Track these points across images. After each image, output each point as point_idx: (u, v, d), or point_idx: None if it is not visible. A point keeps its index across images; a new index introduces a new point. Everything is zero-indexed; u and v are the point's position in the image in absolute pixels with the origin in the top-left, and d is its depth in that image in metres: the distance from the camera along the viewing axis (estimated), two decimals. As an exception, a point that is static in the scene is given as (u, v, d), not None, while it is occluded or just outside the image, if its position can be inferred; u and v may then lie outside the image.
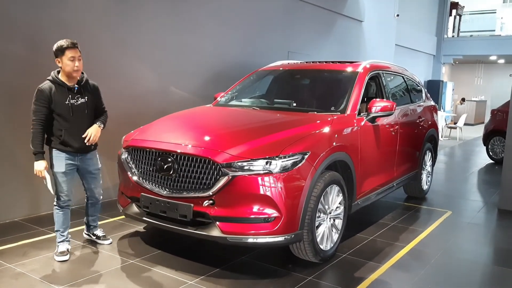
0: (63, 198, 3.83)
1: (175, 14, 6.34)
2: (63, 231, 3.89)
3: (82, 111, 3.80)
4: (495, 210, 5.93)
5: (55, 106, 3.69)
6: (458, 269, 4.01)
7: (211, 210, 3.41)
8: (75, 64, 3.67)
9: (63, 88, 3.72)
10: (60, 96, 3.69)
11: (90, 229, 4.25)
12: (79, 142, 3.80)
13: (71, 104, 3.73)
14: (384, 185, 4.95)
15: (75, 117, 3.76)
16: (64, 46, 3.64)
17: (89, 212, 4.19)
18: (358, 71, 4.77)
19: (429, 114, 6.39)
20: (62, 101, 3.70)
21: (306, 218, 3.52)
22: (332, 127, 3.97)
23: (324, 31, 10.19)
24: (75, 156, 3.84)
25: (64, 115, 3.72)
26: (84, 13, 5.20)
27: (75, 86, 3.77)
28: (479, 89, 23.25)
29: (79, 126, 3.80)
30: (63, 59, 3.65)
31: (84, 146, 3.84)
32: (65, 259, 3.79)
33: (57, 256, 3.80)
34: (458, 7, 20.81)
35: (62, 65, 3.68)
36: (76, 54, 3.67)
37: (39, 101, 3.66)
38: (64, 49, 3.63)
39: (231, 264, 3.79)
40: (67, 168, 3.81)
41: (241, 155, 3.39)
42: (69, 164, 3.82)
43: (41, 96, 3.65)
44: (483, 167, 9.58)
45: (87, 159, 3.93)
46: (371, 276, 3.64)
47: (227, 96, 5.21)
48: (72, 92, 3.76)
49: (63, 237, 3.90)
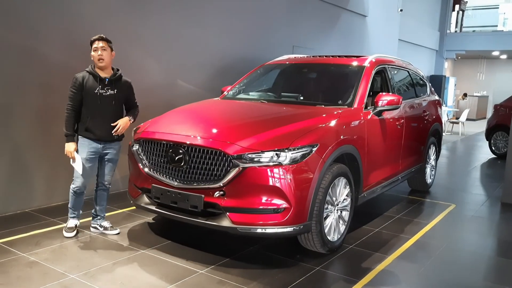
0: (78, 183, 4.05)
1: (182, 9, 6.38)
2: (74, 209, 4.18)
3: (109, 101, 4.05)
4: (498, 203, 5.99)
5: (85, 93, 3.98)
6: (463, 260, 4.08)
7: (221, 200, 3.48)
8: (98, 53, 3.97)
9: (95, 78, 4.01)
10: (91, 85, 3.99)
11: (98, 220, 4.32)
12: (102, 130, 4.04)
13: (99, 94, 4.00)
14: (389, 178, 5.01)
15: (101, 106, 4.01)
16: (92, 39, 4.02)
17: (97, 201, 4.30)
18: (364, 65, 4.82)
19: (434, 108, 6.44)
20: (92, 89, 3.99)
21: (315, 209, 3.58)
22: (339, 120, 4.03)
23: (328, 26, 10.22)
24: (99, 143, 4.07)
25: (92, 103, 3.99)
26: (93, 7, 5.24)
27: (106, 78, 4.05)
28: (481, 84, 23.25)
29: (105, 116, 4.05)
30: (91, 52, 4.01)
31: (107, 135, 4.06)
32: (71, 235, 4.10)
33: (65, 231, 4.14)
34: (461, 2, 20.74)
35: (92, 58, 4.02)
36: (99, 45, 3.98)
37: (73, 87, 3.98)
38: (91, 42, 4.02)
39: (240, 254, 3.86)
40: (88, 155, 4.03)
41: (251, 147, 3.45)
42: (92, 152, 4.05)
43: (75, 83, 3.98)
44: (486, 162, 9.64)
45: (110, 147, 4.15)
46: (378, 267, 3.71)
47: (234, 89, 5.26)
48: (103, 83, 4.03)
49: (74, 214, 4.19)
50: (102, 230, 4.30)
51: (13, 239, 4.03)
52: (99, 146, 4.07)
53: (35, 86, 4.80)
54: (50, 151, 4.98)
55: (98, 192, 4.28)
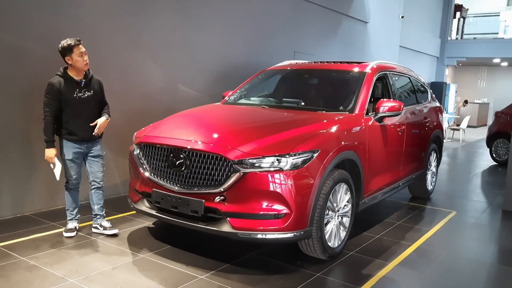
0: (71, 181, 4.24)
1: (184, 14, 6.41)
2: (72, 210, 4.31)
3: (88, 103, 4.14)
4: (499, 211, 5.98)
5: (64, 98, 4.01)
6: (464, 267, 4.06)
7: (222, 206, 3.47)
8: (84, 58, 4.01)
9: (71, 82, 4.05)
10: (68, 89, 4.02)
11: (97, 220, 4.38)
12: (84, 131, 4.14)
13: (78, 97, 4.07)
14: (390, 184, 5.00)
15: (81, 109, 4.09)
16: (72, 44, 3.96)
17: (94, 200, 4.35)
18: (366, 72, 4.82)
19: (435, 115, 6.44)
20: (70, 94, 4.03)
21: (315, 215, 3.57)
22: (340, 126, 4.03)
23: (329, 32, 10.25)
24: (82, 144, 4.18)
25: (72, 107, 4.05)
26: (95, 12, 5.26)
27: (82, 81, 4.09)
28: (482, 91, 23.27)
29: (85, 117, 4.14)
30: (72, 56, 3.97)
31: (89, 135, 4.17)
32: (72, 235, 4.21)
33: (65, 232, 4.24)
34: (462, 9, 20.82)
35: (72, 62, 4.00)
36: (82, 49, 4.01)
37: (50, 94, 3.99)
38: (72, 47, 3.96)
39: (240, 260, 3.85)
40: (74, 156, 4.16)
41: (252, 152, 3.44)
42: (76, 152, 4.17)
43: (52, 89, 3.98)
44: (487, 169, 9.62)
45: (92, 146, 4.26)
46: (378, 274, 3.70)
47: (235, 94, 5.26)
48: (79, 86, 4.08)
49: (72, 216, 4.31)
50: (102, 230, 4.34)
51: (13, 242, 4.02)
52: (83, 146, 4.19)
53: (33, 88, 4.80)
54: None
55: (93, 191, 4.34)
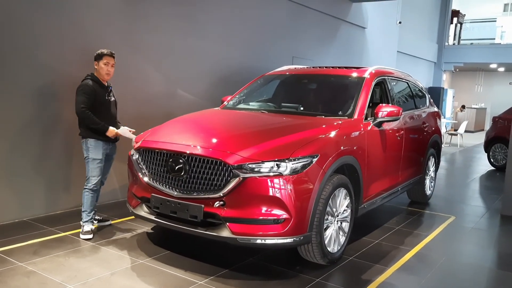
0: (95, 181, 4.37)
1: (183, 19, 6.42)
2: (89, 211, 4.38)
3: (113, 107, 4.50)
4: (498, 215, 5.98)
5: (97, 100, 4.28)
6: (463, 272, 4.06)
7: (221, 211, 3.46)
8: (108, 68, 4.34)
9: (101, 86, 4.37)
10: (100, 92, 4.33)
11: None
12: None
13: (107, 100, 4.41)
14: (389, 189, 5.00)
15: (110, 111, 4.43)
16: (104, 53, 4.34)
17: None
18: (364, 77, 4.83)
19: (433, 120, 6.45)
20: (103, 96, 4.35)
21: (315, 220, 3.56)
22: (340, 131, 4.03)
23: (327, 37, 10.28)
24: (109, 144, 4.45)
25: (103, 108, 4.35)
26: (95, 17, 5.26)
27: (109, 86, 4.47)
28: (479, 96, 23.37)
29: (112, 119, 4.48)
30: (99, 63, 4.33)
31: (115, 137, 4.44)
32: (90, 237, 4.29)
33: (83, 234, 4.32)
34: (459, 15, 20.95)
35: (97, 67, 4.34)
36: (110, 61, 4.36)
37: (87, 93, 4.22)
38: (102, 55, 4.33)
39: (239, 265, 3.83)
40: (103, 156, 4.39)
41: (252, 157, 3.44)
42: (104, 153, 4.41)
43: (87, 88, 4.23)
44: (485, 174, 9.64)
45: (113, 148, 4.57)
46: (378, 279, 3.69)
47: (234, 99, 5.26)
48: (107, 90, 4.44)
49: (89, 217, 4.38)
50: (96, 223, 4.62)
51: (11, 248, 4.00)
52: (109, 147, 4.47)
53: (34, 93, 4.80)
54: (49, 160, 4.97)
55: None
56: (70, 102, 4.92)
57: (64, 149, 5.10)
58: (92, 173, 4.34)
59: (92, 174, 4.34)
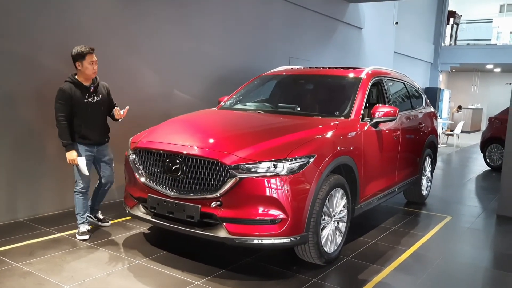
0: (82, 185, 4.32)
1: (181, 21, 6.41)
2: (83, 214, 4.37)
3: (98, 107, 4.31)
4: (494, 215, 6.00)
5: (75, 104, 4.14)
6: (460, 272, 4.07)
7: (218, 211, 3.46)
8: (94, 67, 4.17)
9: (81, 88, 4.19)
10: (79, 95, 4.16)
11: (93, 212, 4.67)
12: (95, 135, 4.31)
13: (88, 102, 4.22)
14: (385, 189, 5.01)
15: (91, 113, 4.25)
16: (84, 51, 4.11)
17: (98, 197, 4.62)
18: (361, 77, 4.84)
19: (429, 120, 6.48)
20: (81, 99, 4.18)
21: (312, 220, 3.57)
22: (336, 131, 4.04)
23: (324, 38, 10.29)
24: (93, 147, 4.33)
25: (83, 112, 4.19)
26: (93, 18, 5.25)
27: (90, 86, 4.24)
28: (475, 97, 23.43)
29: (95, 121, 4.31)
30: (83, 63, 4.13)
31: (100, 139, 4.37)
32: (86, 238, 4.28)
33: (79, 235, 4.30)
34: (456, 16, 21.00)
35: (82, 68, 4.15)
36: (94, 58, 4.17)
37: (62, 99, 4.10)
38: (84, 54, 4.11)
39: (236, 265, 3.84)
40: (87, 159, 4.28)
41: (248, 157, 3.44)
42: (88, 156, 4.30)
43: (64, 95, 4.10)
44: (481, 174, 9.68)
45: (102, 150, 4.42)
46: (374, 279, 3.70)
47: (231, 100, 5.27)
48: (89, 91, 4.23)
49: (83, 219, 4.38)
50: (96, 221, 4.66)
51: (7, 249, 3.98)
52: (94, 150, 4.34)
53: (30, 94, 4.78)
54: (44, 161, 4.96)
55: (101, 190, 4.58)
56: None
57: (60, 150, 5.06)
58: (78, 176, 4.30)
59: (78, 177, 4.30)
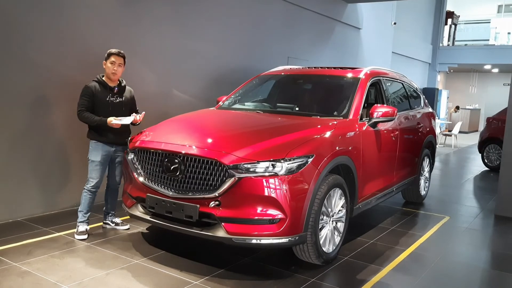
0: (93, 183, 4.33)
1: (178, 20, 6.40)
2: (86, 212, 4.37)
3: (119, 108, 4.40)
4: (492, 216, 6.02)
5: (96, 101, 4.27)
6: (458, 272, 4.08)
7: (217, 211, 3.46)
8: (114, 67, 4.30)
9: (105, 87, 4.34)
10: (101, 93, 4.30)
11: (109, 217, 4.66)
12: (114, 134, 4.33)
13: (110, 101, 4.34)
14: (384, 189, 5.02)
15: (113, 112, 4.30)
16: (111, 52, 4.32)
17: (109, 200, 4.62)
18: (359, 77, 4.85)
19: (427, 120, 6.48)
20: (103, 97, 4.30)
21: (310, 220, 3.57)
22: (335, 131, 4.04)
23: (323, 38, 10.30)
24: (111, 147, 4.38)
25: (104, 110, 4.29)
26: (91, 16, 5.24)
27: (115, 87, 4.39)
28: (473, 97, 23.50)
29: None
30: (106, 62, 4.32)
31: (118, 139, 4.37)
32: (84, 237, 4.28)
33: (77, 235, 4.30)
34: (454, 16, 21.03)
35: (105, 67, 4.33)
36: (117, 60, 4.31)
37: (85, 95, 4.25)
38: (110, 55, 4.31)
39: (234, 265, 3.84)
40: (102, 158, 4.34)
41: (247, 157, 3.44)
42: (105, 155, 4.35)
43: (87, 91, 4.26)
44: (479, 174, 9.70)
45: (119, 150, 4.45)
46: (373, 279, 3.70)
47: (230, 99, 5.26)
48: (112, 91, 4.37)
49: (85, 218, 4.37)
50: (114, 226, 4.63)
51: (5, 248, 3.97)
52: (111, 149, 4.38)
53: (30, 94, 4.77)
54: (43, 160, 4.95)
55: (109, 192, 4.59)
56: (66, 104, 4.94)
57: (58, 150, 5.09)
58: (91, 175, 4.32)
59: (91, 176, 4.32)
